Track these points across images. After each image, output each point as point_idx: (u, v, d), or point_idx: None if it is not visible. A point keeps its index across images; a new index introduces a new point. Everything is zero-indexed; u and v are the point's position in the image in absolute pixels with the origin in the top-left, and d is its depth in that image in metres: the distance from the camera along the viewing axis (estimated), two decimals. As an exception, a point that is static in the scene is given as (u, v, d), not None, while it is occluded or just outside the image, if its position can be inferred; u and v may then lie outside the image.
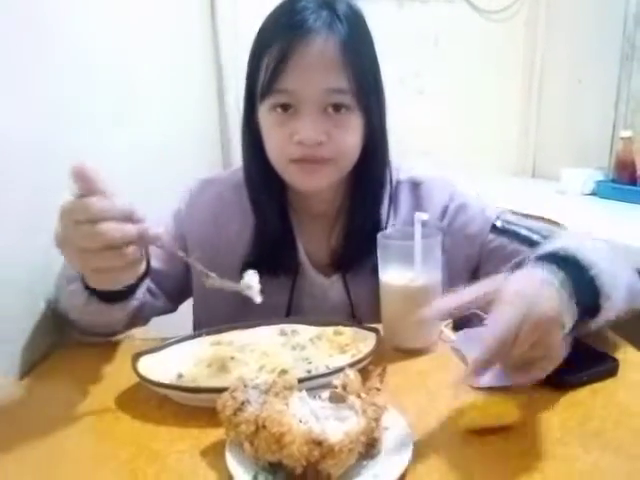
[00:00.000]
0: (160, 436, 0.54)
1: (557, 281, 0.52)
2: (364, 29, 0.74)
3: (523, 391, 0.57)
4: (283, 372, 0.59)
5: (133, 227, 0.53)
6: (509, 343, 0.46)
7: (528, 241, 0.77)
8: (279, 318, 0.74)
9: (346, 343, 0.66)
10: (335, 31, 0.69)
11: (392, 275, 0.69)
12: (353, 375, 0.51)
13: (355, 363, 0.60)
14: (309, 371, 0.60)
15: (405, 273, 0.68)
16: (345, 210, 0.82)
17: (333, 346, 0.66)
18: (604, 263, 0.58)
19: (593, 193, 1.91)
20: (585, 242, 0.62)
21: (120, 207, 0.52)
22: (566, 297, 0.51)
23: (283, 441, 0.43)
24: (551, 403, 0.58)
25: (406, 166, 0.87)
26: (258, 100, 0.74)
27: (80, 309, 0.68)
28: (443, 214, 0.84)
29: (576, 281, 0.53)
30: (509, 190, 2.08)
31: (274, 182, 0.78)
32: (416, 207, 0.82)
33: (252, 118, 0.76)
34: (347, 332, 0.68)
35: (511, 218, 0.83)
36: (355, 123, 0.72)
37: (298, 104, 0.70)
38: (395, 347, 0.70)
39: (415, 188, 0.85)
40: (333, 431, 0.44)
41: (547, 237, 0.75)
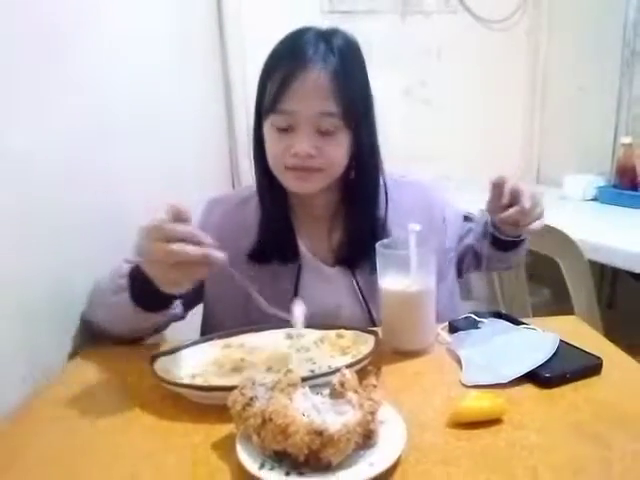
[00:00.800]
0: (176, 431, 0.59)
1: None
2: (356, 59, 0.84)
3: (510, 388, 0.62)
4: (289, 372, 0.63)
5: (199, 249, 0.62)
6: (529, 197, 0.81)
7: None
8: (285, 322, 0.79)
9: (347, 345, 0.71)
10: (328, 63, 0.79)
11: (390, 282, 0.74)
12: (349, 374, 0.55)
13: (355, 363, 0.64)
14: (312, 371, 0.65)
15: (402, 280, 0.73)
16: (342, 214, 0.92)
17: (335, 348, 0.71)
18: None
19: (595, 198, 1.94)
20: None
21: (189, 231, 0.62)
22: None
23: (288, 432, 0.48)
24: (536, 399, 0.62)
25: (398, 173, 0.99)
26: (263, 117, 0.83)
27: (124, 317, 0.77)
28: (428, 209, 0.97)
29: None
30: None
31: (277, 186, 0.88)
32: (411, 204, 0.95)
33: (259, 132, 0.86)
34: (348, 335, 0.74)
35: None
36: (343, 140, 0.82)
37: (295, 123, 0.80)
38: (394, 349, 0.75)
39: (407, 187, 0.98)
40: (332, 422, 0.49)
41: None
